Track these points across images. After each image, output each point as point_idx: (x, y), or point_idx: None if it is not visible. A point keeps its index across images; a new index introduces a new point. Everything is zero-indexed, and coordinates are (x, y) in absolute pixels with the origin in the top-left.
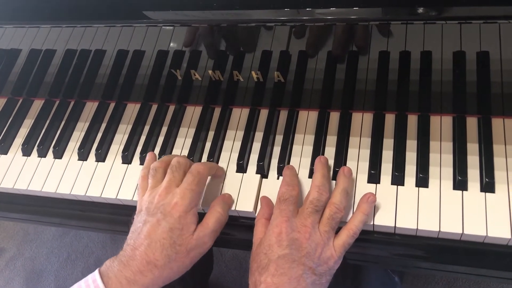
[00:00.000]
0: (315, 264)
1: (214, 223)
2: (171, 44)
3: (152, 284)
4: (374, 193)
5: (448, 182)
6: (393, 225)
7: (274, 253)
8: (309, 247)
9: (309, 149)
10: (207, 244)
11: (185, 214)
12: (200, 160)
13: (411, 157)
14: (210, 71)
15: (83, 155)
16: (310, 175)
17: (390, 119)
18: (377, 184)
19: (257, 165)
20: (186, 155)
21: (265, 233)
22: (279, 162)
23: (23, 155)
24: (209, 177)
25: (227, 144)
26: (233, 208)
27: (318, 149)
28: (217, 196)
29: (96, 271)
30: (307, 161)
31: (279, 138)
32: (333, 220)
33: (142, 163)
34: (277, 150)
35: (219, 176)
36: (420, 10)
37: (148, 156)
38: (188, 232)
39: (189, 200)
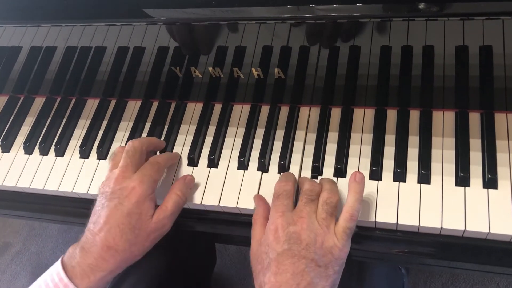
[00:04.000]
0: (317, 255)
1: (172, 206)
2: (172, 40)
3: (116, 267)
4: (376, 190)
5: (450, 179)
6: (395, 222)
7: (274, 251)
8: (308, 238)
9: (310, 146)
10: (166, 226)
11: (143, 200)
12: (199, 157)
13: (413, 153)
14: (210, 68)
15: (84, 153)
16: (312, 172)
17: (392, 115)
18: (379, 181)
19: (258, 162)
20: (188, 152)
21: (264, 233)
22: (280, 159)
23: (25, 153)
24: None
25: (228, 141)
26: (234, 205)
27: (319, 146)
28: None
29: (59, 263)
30: (308, 158)
31: (280, 135)
32: (328, 206)
33: None
34: (278, 147)
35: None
36: (422, 6)
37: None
38: (147, 217)
39: (147, 186)
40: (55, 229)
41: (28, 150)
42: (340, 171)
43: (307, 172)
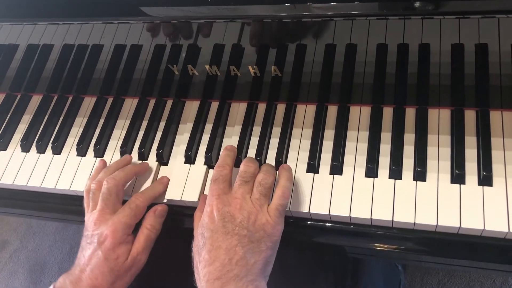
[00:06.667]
0: (250, 232)
1: (144, 242)
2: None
3: None
4: (372, 187)
5: (446, 176)
6: (391, 219)
7: (209, 230)
8: (242, 217)
9: (307, 143)
10: (142, 260)
11: (118, 246)
12: (196, 155)
13: (409, 150)
14: (207, 66)
15: (81, 151)
16: (309, 169)
17: (388, 113)
18: (375, 178)
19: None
20: (184, 150)
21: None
22: (277, 157)
23: (22, 151)
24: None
25: (225, 139)
26: None
27: (316, 143)
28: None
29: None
30: (305, 155)
31: (277, 132)
32: (262, 187)
33: (140, 158)
34: (275, 144)
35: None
36: (418, 4)
37: (97, 164)
38: (123, 259)
39: (121, 233)
40: (52, 227)
41: (25, 148)
42: (337, 169)
43: (303, 170)
